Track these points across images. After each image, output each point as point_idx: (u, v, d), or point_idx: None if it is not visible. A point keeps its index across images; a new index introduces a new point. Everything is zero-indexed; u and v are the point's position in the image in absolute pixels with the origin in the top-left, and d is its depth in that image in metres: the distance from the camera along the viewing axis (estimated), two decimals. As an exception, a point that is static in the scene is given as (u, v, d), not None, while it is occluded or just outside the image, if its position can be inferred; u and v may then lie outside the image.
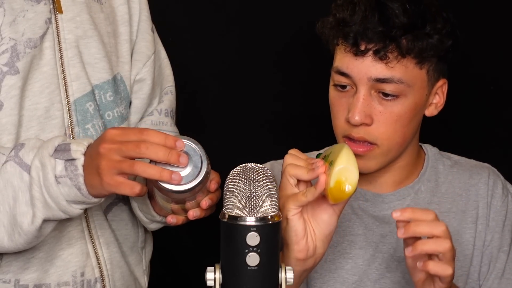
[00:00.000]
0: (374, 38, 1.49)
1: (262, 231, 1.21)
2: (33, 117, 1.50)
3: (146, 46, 1.65)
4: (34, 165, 1.40)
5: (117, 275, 1.60)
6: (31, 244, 1.46)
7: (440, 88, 1.58)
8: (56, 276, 1.54)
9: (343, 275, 1.62)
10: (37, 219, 1.41)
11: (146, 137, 1.36)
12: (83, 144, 1.41)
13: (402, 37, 1.49)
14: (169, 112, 1.67)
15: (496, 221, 1.61)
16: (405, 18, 1.49)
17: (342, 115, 1.54)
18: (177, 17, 2.17)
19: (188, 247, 2.24)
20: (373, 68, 1.50)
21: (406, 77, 1.51)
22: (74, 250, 1.55)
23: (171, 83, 1.71)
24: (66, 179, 1.39)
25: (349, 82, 1.53)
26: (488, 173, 1.64)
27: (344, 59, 1.52)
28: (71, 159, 1.39)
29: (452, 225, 1.60)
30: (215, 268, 1.23)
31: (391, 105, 1.51)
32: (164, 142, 1.36)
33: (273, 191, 1.23)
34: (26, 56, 1.48)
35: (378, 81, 1.50)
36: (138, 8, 1.64)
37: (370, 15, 1.50)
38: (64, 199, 1.40)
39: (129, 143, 1.36)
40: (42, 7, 1.51)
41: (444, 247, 1.37)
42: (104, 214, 1.60)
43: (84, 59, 1.55)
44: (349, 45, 1.51)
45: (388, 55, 1.49)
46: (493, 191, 1.62)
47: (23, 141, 1.45)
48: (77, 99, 1.54)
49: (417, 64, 1.51)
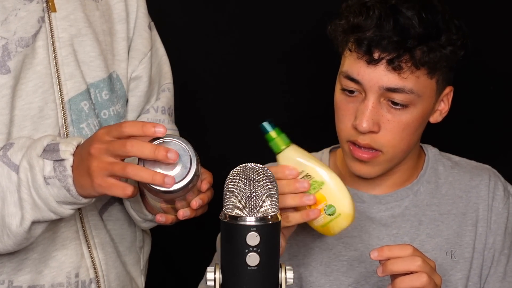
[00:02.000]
0: (388, 47, 1.46)
1: (262, 231, 1.20)
2: (26, 117, 1.48)
3: (142, 43, 1.64)
4: (22, 166, 1.39)
5: (112, 276, 1.59)
6: (21, 246, 1.45)
7: (446, 96, 1.57)
8: (50, 277, 1.53)
9: (339, 277, 1.61)
10: (25, 221, 1.40)
11: (124, 128, 1.34)
12: (72, 144, 1.39)
13: (417, 48, 1.47)
14: (166, 110, 1.66)
15: (498, 224, 1.60)
16: (420, 28, 1.47)
17: (348, 120, 1.52)
18: (177, 17, 2.16)
19: (187, 246, 2.24)
20: (385, 77, 1.48)
21: (417, 87, 1.49)
22: (68, 251, 1.54)
23: (169, 80, 1.69)
24: (55, 180, 1.38)
25: (358, 88, 1.51)
26: (489, 175, 1.63)
27: (355, 65, 1.50)
28: (59, 159, 1.38)
29: (452, 227, 1.60)
30: (215, 268, 1.23)
31: (400, 113, 1.50)
32: (142, 130, 1.33)
33: (273, 191, 1.23)
34: (18, 55, 1.47)
35: (388, 90, 1.48)
36: (135, 5, 1.63)
37: (385, 22, 1.47)
38: (54, 200, 1.39)
39: (115, 142, 1.34)
40: (34, 6, 1.50)
41: (420, 281, 1.38)
42: (99, 214, 1.59)
43: (79, 58, 1.54)
44: (362, 52, 1.48)
45: (402, 66, 1.47)
46: (494, 193, 1.61)
47: (12, 140, 1.44)
48: (71, 98, 1.53)
49: (428, 74, 1.50)
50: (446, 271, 1.57)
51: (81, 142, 1.40)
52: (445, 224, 1.60)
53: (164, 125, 1.34)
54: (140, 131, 1.33)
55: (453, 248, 1.58)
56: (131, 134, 1.34)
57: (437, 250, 1.58)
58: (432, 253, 1.57)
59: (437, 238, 1.59)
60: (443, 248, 1.59)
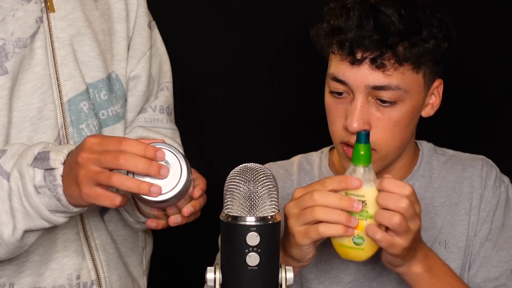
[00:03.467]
0: (370, 46, 1.48)
1: (262, 231, 1.21)
2: (25, 118, 1.48)
3: (141, 42, 1.63)
4: (13, 175, 1.39)
5: (114, 277, 1.59)
6: (14, 254, 1.44)
7: (436, 89, 1.58)
8: (52, 279, 1.52)
9: (338, 275, 1.61)
10: (17, 231, 1.40)
11: (125, 147, 1.33)
12: (63, 152, 1.38)
13: (399, 44, 1.48)
14: (164, 109, 1.65)
15: (487, 212, 1.61)
16: (401, 24, 1.48)
17: (339, 121, 1.53)
18: (177, 17, 2.16)
19: (187, 247, 2.25)
20: (370, 76, 1.49)
21: (403, 83, 1.50)
22: (69, 252, 1.54)
23: (168, 79, 1.69)
24: (45, 189, 1.37)
25: (345, 89, 1.52)
26: (482, 165, 1.64)
27: (340, 66, 1.51)
28: (50, 168, 1.37)
29: (445, 218, 1.60)
30: (215, 268, 1.23)
31: (389, 111, 1.51)
32: (143, 152, 1.33)
33: (273, 191, 1.23)
34: (15, 56, 1.47)
35: (375, 88, 1.49)
36: (135, 4, 1.63)
37: (366, 22, 1.48)
38: (46, 209, 1.39)
39: (107, 153, 1.33)
40: (32, 6, 1.49)
41: (389, 222, 1.36)
42: (100, 215, 1.58)
43: (78, 58, 1.54)
44: (345, 53, 1.50)
45: (385, 63, 1.48)
46: (486, 183, 1.62)
47: (6, 146, 1.43)
48: (70, 99, 1.52)
49: (413, 69, 1.51)
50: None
51: (72, 149, 1.39)
52: (438, 216, 1.61)
53: (163, 140, 1.35)
54: (142, 153, 1.32)
55: (446, 239, 1.59)
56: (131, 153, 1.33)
57: (431, 242, 1.58)
58: (427, 245, 1.57)
59: (431, 230, 1.60)
60: (437, 239, 1.59)
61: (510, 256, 1.58)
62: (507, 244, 1.59)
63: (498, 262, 1.58)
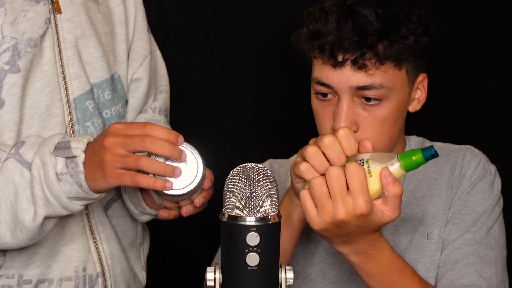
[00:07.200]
0: (350, 48, 1.48)
1: (262, 231, 1.21)
2: (34, 115, 1.51)
3: (143, 46, 1.66)
4: (35, 163, 1.41)
5: (117, 270, 1.62)
6: (33, 241, 1.47)
7: (421, 83, 1.57)
8: (59, 271, 1.55)
9: (323, 268, 1.62)
10: (38, 217, 1.42)
11: (150, 131, 1.38)
12: (83, 141, 1.42)
13: (379, 44, 1.48)
14: (162, 111, 1.69)
15: (461, 200, 1.59)
16: (378, 23, 1.48)
17: (327, 123, 1.53)
18: (174, 19, 2.16)
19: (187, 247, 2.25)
20: (353, 77, 1.49)
21: (387, 81, 1.50)
22: (76, 245, 1.56)
23: (165, 82, 1.73)
24: (67, 176, 1.40)
25: (330, 91, 1.52)
26: (464, 154, 1.62)
27: (323, 70, 1.51)
28: (71, 156, 1.40)
29: (427, 209, 1.60)
30: (215, 268, 1.23)
31: (375, 109, 1.51)
32: (167, 136, 1.38)
33: (273, 191, 1.23)
34: (27, 55, 1.49)
35: (359, 88, 1.49)
36: (133, 9, 1.65)
37: (344, 24, 1.48)
38: (66, 196, 1.42)
39: (134, 137, 1.38)
40: (41, 7, 1.52)
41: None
42: (104, 210, 1.61)
43: (83, 59, 1.56)
44: (326, 57, 1.50)
45: (366, 64, 1.48)
46: (465, 171, 1.60)
47: (23, 138, 1.46)
48: (77, 98, 1.55)
49: (395, 66, 1.50)
50: (424, 252, 1.57)
51: (91, 140, 1.43)
52: (419, 207, 1.60)
53: (181, 136, 1.40)
54: (166, 137, 1.38)
55: (429, 230, 1.58)
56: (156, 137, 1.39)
57: (412, 233, 1.58)
58: (407, 236, 1.58)
59: (411, 221, 1.59)
60: (418, 230, 1.59)
61: (475, 240, 1.56)
62: (476, 228, 1.57)
63: (461, 244, 1.56)
